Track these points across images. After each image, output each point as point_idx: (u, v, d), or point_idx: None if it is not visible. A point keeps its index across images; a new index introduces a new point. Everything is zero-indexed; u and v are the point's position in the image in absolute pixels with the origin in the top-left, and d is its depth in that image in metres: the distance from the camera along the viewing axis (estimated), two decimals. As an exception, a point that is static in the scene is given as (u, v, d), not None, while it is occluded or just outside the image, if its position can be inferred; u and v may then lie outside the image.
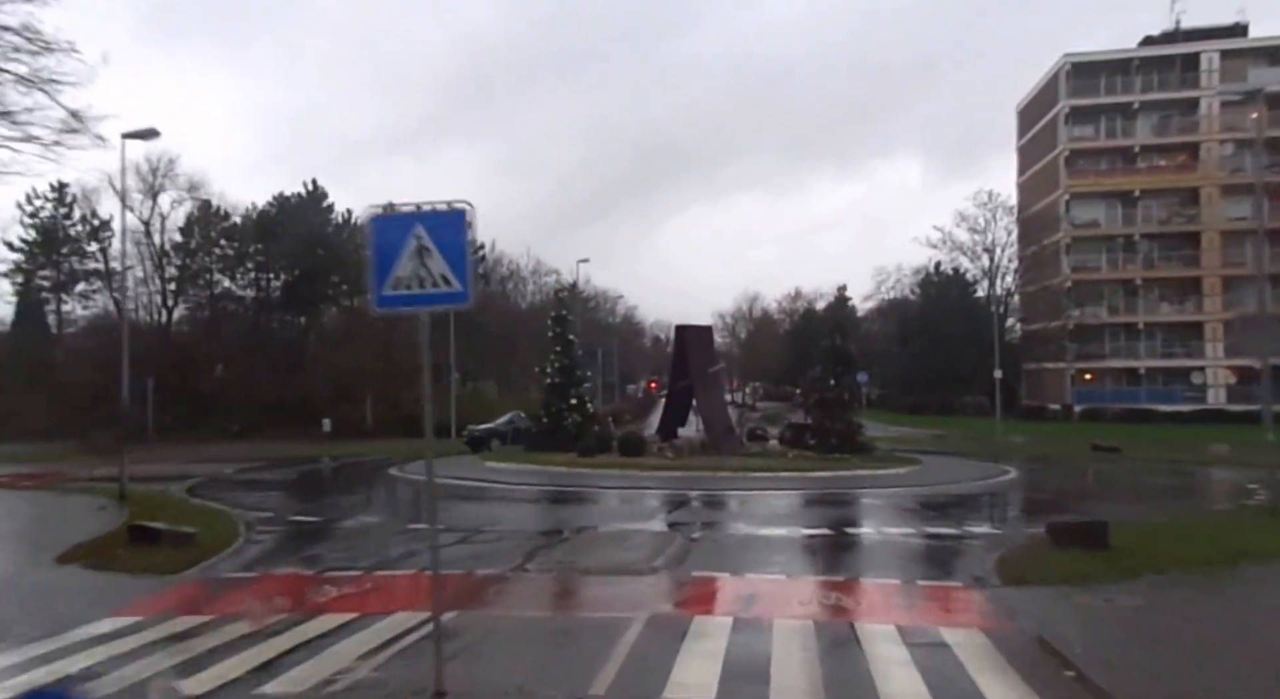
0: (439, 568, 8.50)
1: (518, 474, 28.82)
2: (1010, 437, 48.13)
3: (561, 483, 26.31)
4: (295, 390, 55.70)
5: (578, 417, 34.67)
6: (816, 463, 30.66)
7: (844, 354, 35.14)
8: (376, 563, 14.58)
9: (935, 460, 34.39)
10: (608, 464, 29.49)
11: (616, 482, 26.35)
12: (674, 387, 35.17)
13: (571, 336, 36.00)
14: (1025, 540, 16.16)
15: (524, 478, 27.64)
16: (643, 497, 23.78)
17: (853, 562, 15.33)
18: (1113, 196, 66.71)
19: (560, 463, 30.10)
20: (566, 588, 12.82)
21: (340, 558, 15.32)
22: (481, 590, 12.19)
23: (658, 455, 31.43)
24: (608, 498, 24.03)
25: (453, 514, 21.33)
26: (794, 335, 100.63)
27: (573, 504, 22.86)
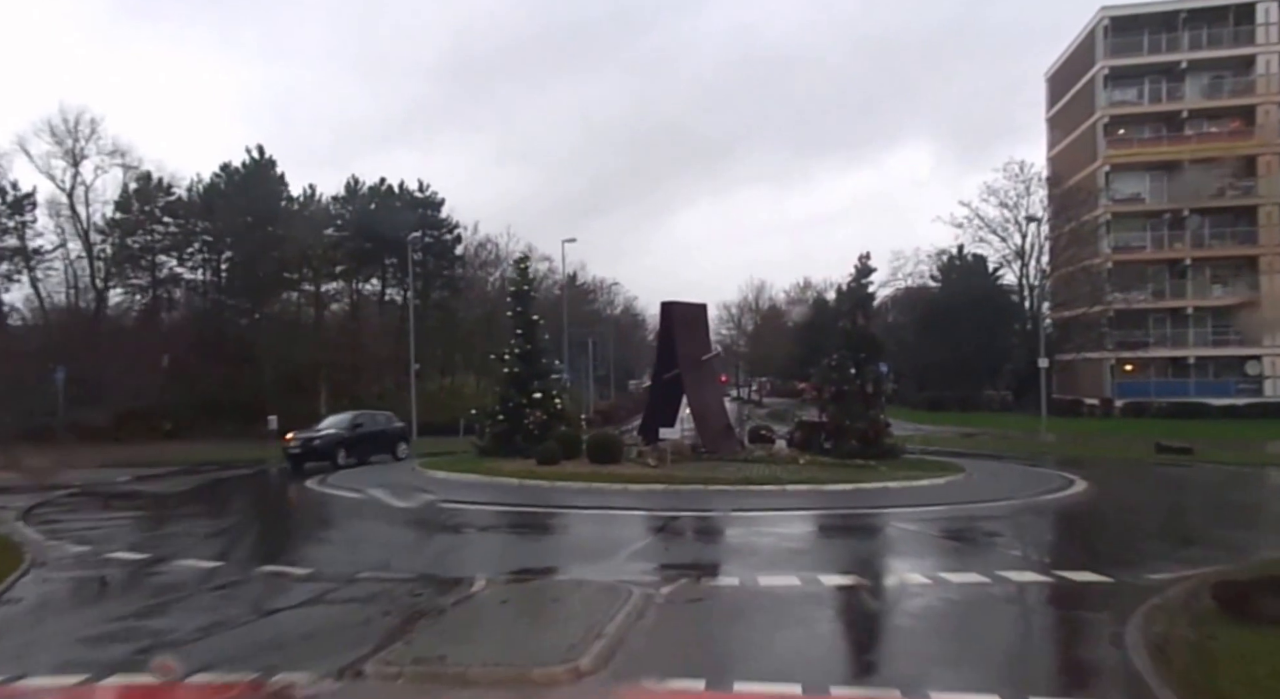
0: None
1: (453, 488, 22.67)
2: (1051, 435, 41.86)
3: (504, 501, 20.08)
4: (243, 384, 49.69)
5: (541, 414, 28.38)
6: (835, 471, 24.47)
7: (867, 337, 28.89)
8: (150, 643, 9.03)
9: (977, 466, 28.15)
10: (571, 474, 23.29)
11: (576, 499, 20.14)
12: (659, 377, 28.94)
13: (535, 316, 29.75)
14: (1169, 601, 10.06)
15: (458, 493, 21.43)
16: (605, 522, 17.63)
17: (908, 646, 9.29)
18: (1157, 168, 60.27)
19: (512, 472, 23.90)
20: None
21: (102, 630, 9.78)
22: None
23: (637, 462, 25.25)
24: (557, 524, 17.85)
25: (335, 548, 15.40)
26: (804, 327, 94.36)
27: (504, 534, 16.64)
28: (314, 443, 28.33)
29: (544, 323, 31.24)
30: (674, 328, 28.27)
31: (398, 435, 31.83)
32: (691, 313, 29.15)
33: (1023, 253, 62.72)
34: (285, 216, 55.30)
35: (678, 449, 26.91)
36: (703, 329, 29.47)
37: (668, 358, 28.52)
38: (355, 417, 31.00)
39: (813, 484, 22.22)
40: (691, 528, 17.13)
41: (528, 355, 29.09)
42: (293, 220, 55.42)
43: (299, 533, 17.90)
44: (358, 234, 55.30)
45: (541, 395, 28.55)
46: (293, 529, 18.60)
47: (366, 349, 52.17)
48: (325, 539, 16.83)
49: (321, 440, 28.63)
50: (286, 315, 56.28)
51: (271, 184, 54.97)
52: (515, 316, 29.66)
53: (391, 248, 54.90)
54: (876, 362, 29.29)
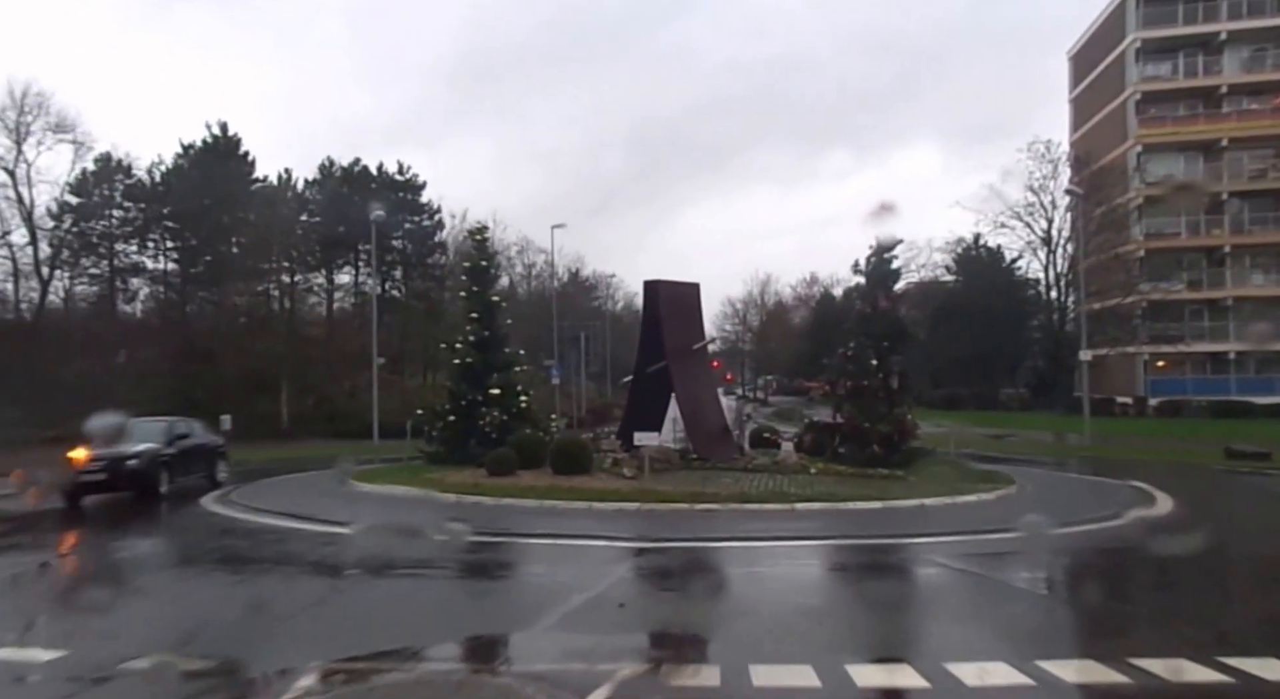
0: None
1: (375, 503, 18.21)
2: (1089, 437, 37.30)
3: (431, 526, 15.53)
4: (201, 382, 45.24)
5: (499, 414, 23.78)
6: (855, 484, 20.00)
7: (890, 322, 24.40)
8: None
9: (1023, 474, 23.59)
10: (526, 489, 18.75)
11: (521, 523, 15.61)
12: (642, 371, 24.39)
13: (495, 297, 25.22)
14: None
15: (378, 512, 16.97)
16: (548, 558, 13.07)
17: None
18: (1193, 148, 55.65)
19: (454, 486, 19.35)
20: None
21: None
22: None
23: (611, 472, 20.74)
24: (482, 561, 13.13)
25: (144, 605, 10.77)
26: (811, 323, 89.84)
27: (399, 580, 11.93)
28: (127, 464, 18.64)
29: (506, 305, 26.80)
30: (660, 311, 23.74)
31: (215, 452, 23.10)
32: (681, 294, 24.60)
33: (1049, 239, 58.03)
34: (251, 200, 50.82)
35: (663, 456, 22.40)
36: (695, 313, 24.90)
37: (653, 347, 24.00)
38: (173, 425, 21.55)
39: (829, 501, 17.64)
40: (663, 569, 12.58)
41: (485, 343, 24.48)
42: (258, 204, 50.92)
43: (101, 586, 12.96)
44: (329, 219, 50.86)
45: (501, 391, 23.89)
46: (131, 575, 13.94)
47: (333, 343, 47.67)
48: (140, 592, 11.83)
49: (138, 461, 18.95)
50: (255, 308, 51.91)
51: (234, 165, 50.44)
52: (470, 297, 25.10)
53: (366, 234, 50.58)
54: (901, 351, 24.76)
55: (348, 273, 55.81)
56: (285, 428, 43.33)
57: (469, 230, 27.27)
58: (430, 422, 24.56)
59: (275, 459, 32.72)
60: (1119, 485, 21.36)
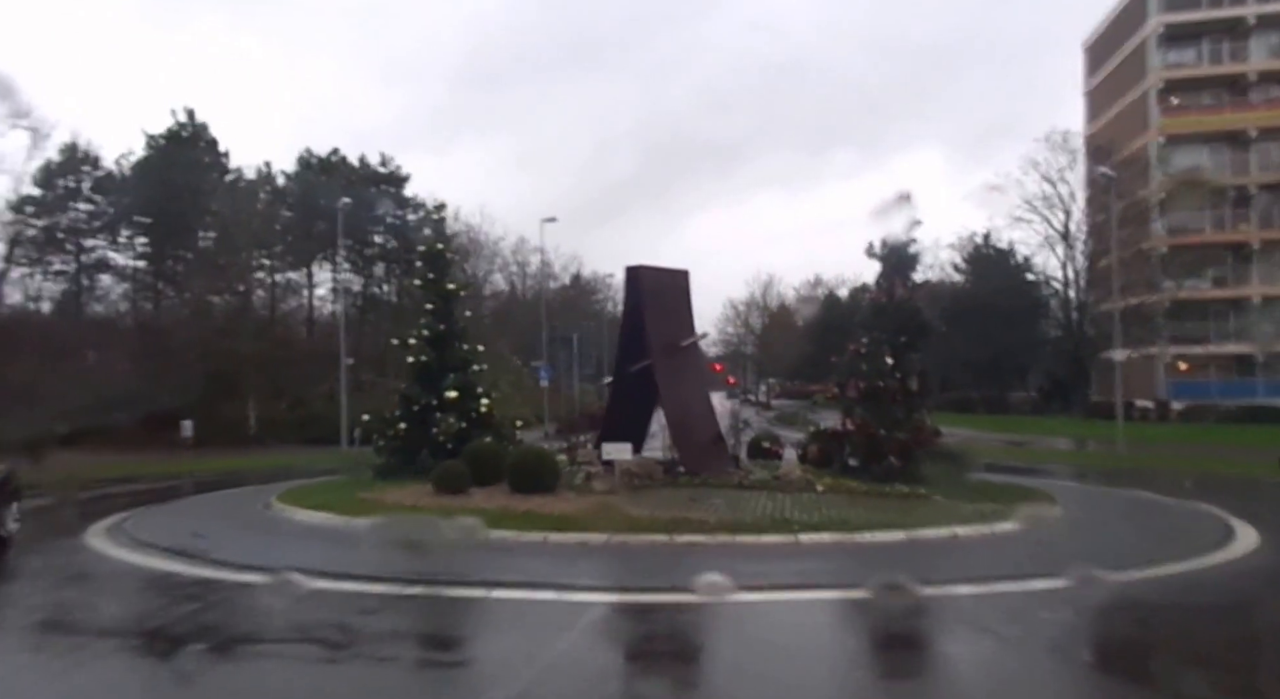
0: None
1: (288, 535, 15.02)
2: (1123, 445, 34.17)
3: (327, 568, 12.21)
4: (168, 384, 42.02)
5: (455, 420, 20.54)
6: (870, 506, 16.82)
7: (908, 313, 21.22)
8: None
9: (1060, 490, 20.45)
10: (475, 512, 15.56)
11: (455, 565, 12.43)
12: (622, 370, 21.18)
13: (452, 286, 21.99)
14: None
15: (283, 548, 13.79)
16: (464, 619, 9.97)
17: None
18: (1219, 139, 52.63)
19: (392, 509, 16.18)
20: None
21: None
22: None
23: (582, 489, 17.58)
24: (376, 635, 9.79)
25: None
26: (815, 325, 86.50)
27: (254, 665, 8.70)
28: None
29: (465, 294, 23.60)
30: (643, 302, 20.50)
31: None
32: (668, 282, 21.36)
33: (1067, 234, 54.75)
34: (220, 193, 47.56)
35: (644, 470, 19.21)
36: (684, 304, 21.63)
37: (635, 344, 20.80)
38: None
39: (840, 531, 14.43)
40: (615, 642, 9.42)
41: (441, 339, 21.20)
42: (226, 197, 47.66)
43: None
44: (305, 213, 47.62)
45: (458, 394, 20.62)
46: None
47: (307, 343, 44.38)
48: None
49: None
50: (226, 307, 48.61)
51: (203, 155, 47.17)
52: (425, 286, 21.84)
53: (348, 228, 47.44)
54: (920, 348, 21.57)
55: (328, 270, 52.57)
56: (252, 434, 40.14)
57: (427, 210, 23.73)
58: (379, 429, 21.26)
59: (225, 470, 29.82)
60: (1179, 507, 18.18)
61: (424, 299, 21.64)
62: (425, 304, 21.46)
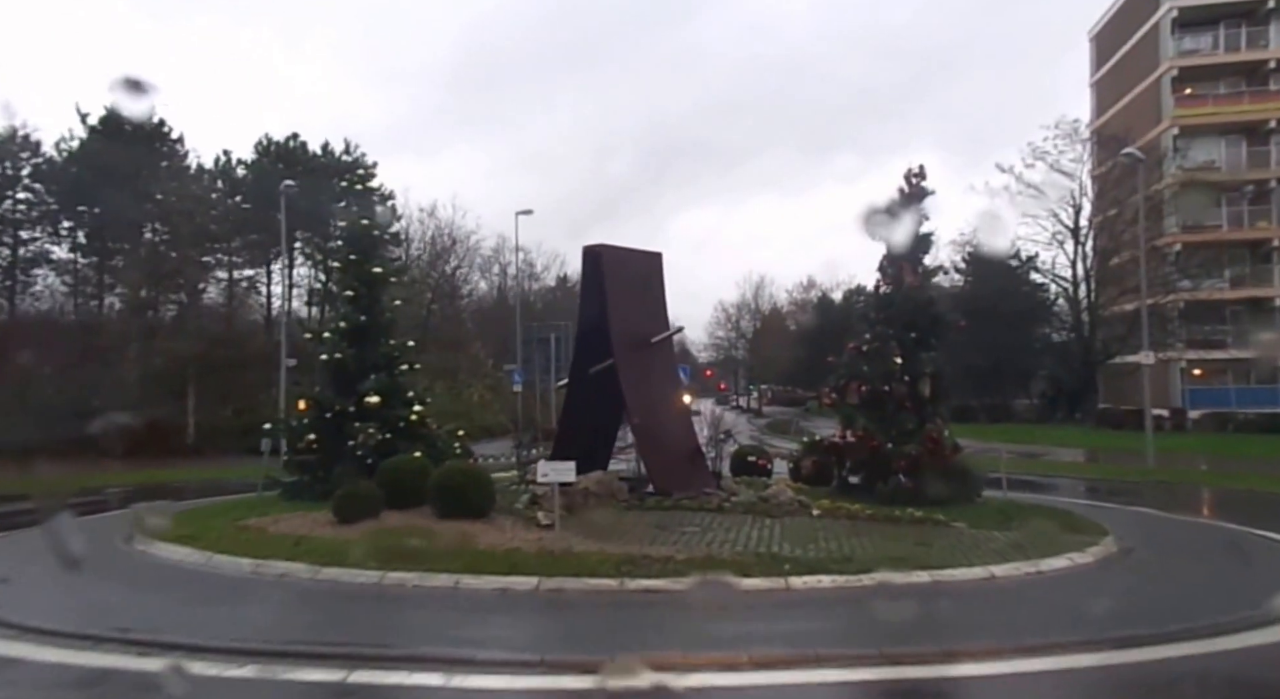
0: None
1: (126, 581, 11.64)
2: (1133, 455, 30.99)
3: (115, 638, 8.87)
4: (103, 388, 38.55)
5: (379, 430, 17.10)
6: (878, 534, 13.66)
7: (920, 305, 17.97)
8: None
9: (1106, 516, 17.18)
10: (383, 543, 12.25)
11: (324, 625, 9.18)
12: (580, 372, 17.82)
13: (378, 269, 18.49)
14: None
15: (105, 602, 10.45)
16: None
17: None
18: (1236, 130, 49.42)
19: (275, 543, 12.80)
20: None
21: None
22: None
23: (526, 514, 14.27)
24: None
25: None
26: (808, 329, 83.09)
27: None
28: None
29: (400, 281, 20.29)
30: (605, 288, 17.16)
31: None
32: (637, 266, 18.00)
33: (1077, 229, 51.46)
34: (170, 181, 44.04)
35: (605, 490, 15.92)
36: (655, 293, 18.29)
37: (596, 339, 17.47)
38: None
39: (845, 573, 11.14)
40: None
41: (363, 333, 17.82)
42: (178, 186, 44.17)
43: None
44: (260, 204, 44.13)
45: (381, 398, 17.21)
46: None
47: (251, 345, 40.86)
48: None
49: None
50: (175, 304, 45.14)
51: (151, 139, 43.61)
52: (346, 269, 18.41)
53: (306, 222, 44.02)
54: (934, 345, 18.31)
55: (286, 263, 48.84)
56: (190, 442, 36.71)
57: (349, 177, 19.86)
58: (289, 440, 17.75)
59: (146, 483, 26.50)
60: (1260, 541, 14.90)
61: (343, 284, 18.20)
62: (345, 291, 18.00)
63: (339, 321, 17.86)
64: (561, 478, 12.09)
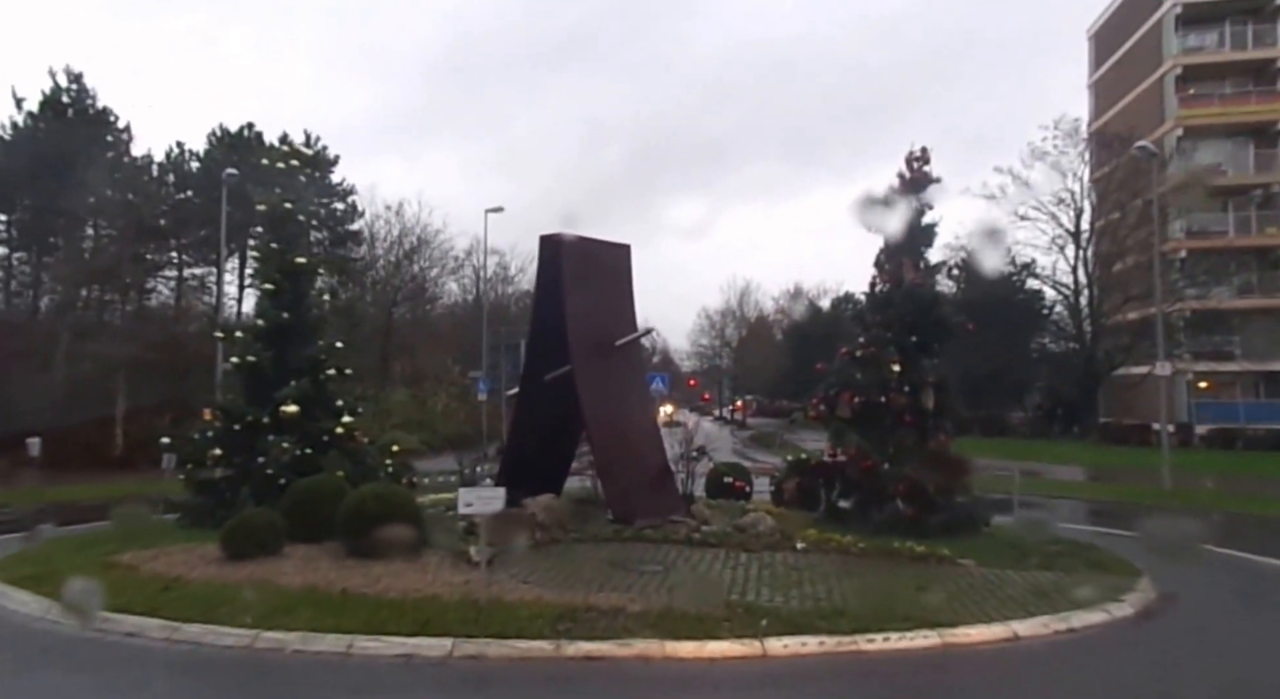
0: None
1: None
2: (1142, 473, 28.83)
3: None
4: (29, 394, 35.83)
5: (296, 444, 14.66)
6: (874, 576, 11.44)
7: (924, 305, 15.69)
8: None
9: (1132, 548, 14.96)
10: (272, 586, 9.95)
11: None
12: (533, 380, 15.54)
13: (301, 259, 16.04)
14: None
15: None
16: None
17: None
18: (1242, 131, 47.40)
19: (144, 585, 10.46)
20: None
21: None
22: None
23: (458, 548, 11.98)
24: None
25: None
26: (795, 337, 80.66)
27: None
28: None
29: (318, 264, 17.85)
30: (563, 282, 14.87)
31: None
32: (600, 259, 15.66)
33: (1078, 233, 49.27)
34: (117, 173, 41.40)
35: (556, 518, 13.65)
36: (621, 290, 15.99)
37: (551, 342, 15.18)
38: None
39: (834, 630, 8.90)
40: None
41: (284, 333, 15.40)
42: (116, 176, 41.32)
43: None
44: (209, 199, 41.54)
45: (300, 408, 14.85)
46: None
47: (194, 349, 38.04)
48: None
49: None
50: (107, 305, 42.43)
51: (92, 126, 40.90)
52: (265, 259, 15.96)
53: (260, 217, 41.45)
54: (939, 352, 16.05)
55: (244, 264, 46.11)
56: (118, 453, 33.95)
57: (275, 148, 17.24)
58: (190, 455, 15.28)
59: (57, 500, 23.93)
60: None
61: (263, 276, 15.79)
62: (264, 283, 15.59)
63: (256, 319, 15.45)
64: (487, 509, 9.77)
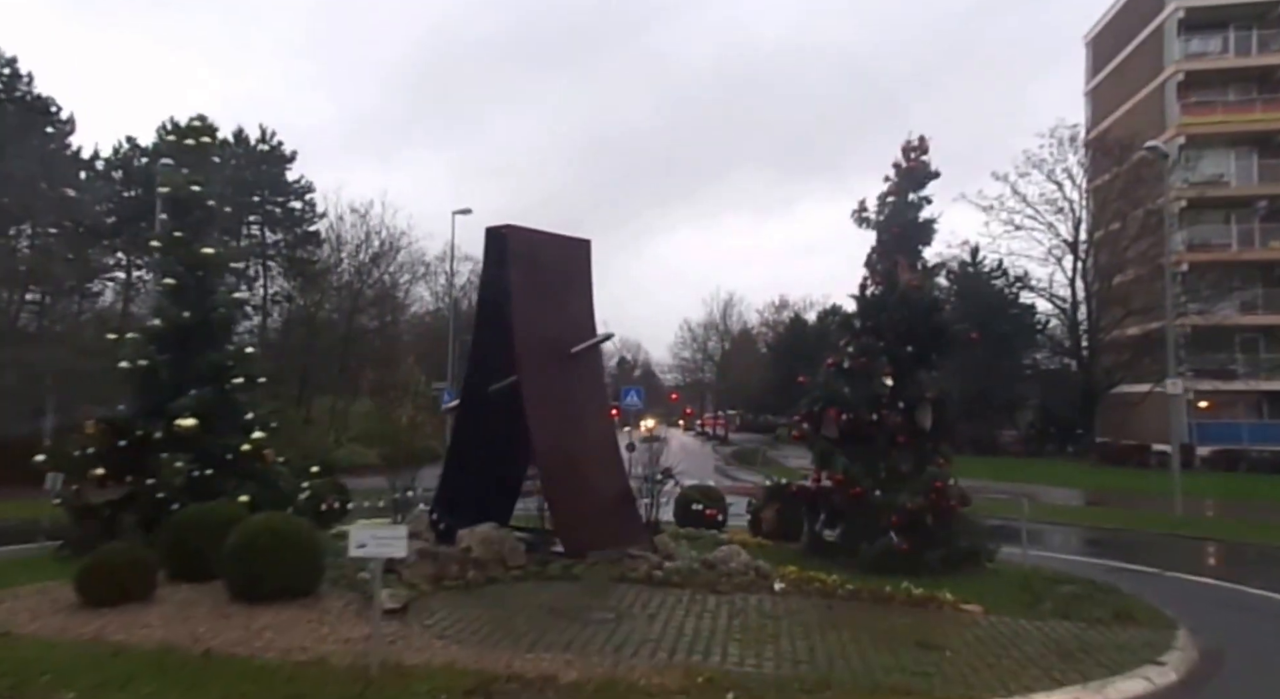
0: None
1: None
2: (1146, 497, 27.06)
3: None
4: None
5: (191, 464, 12.53)
6: (862, 624, 9.47)
7: (920, 311, 13.81)
8: None
9: (1155, 588, 13.13)
10: (116, 643, 7.96)
11: None
12: (471, 391, 13.62)
13: (208, 250, 13.85)
14: None
15: None
16: None
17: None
18: (1246, 141, 45.85)
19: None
20: None
21: None
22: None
23: (393, 589, 9.97)
24: None
25: None
26: (779, 351, 78.63)
27: None
28: None
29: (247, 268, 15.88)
30: (512, 281, 12.95)
31: None
32: (554, 254, 13.71)
33: (1075, 244, 47.48)
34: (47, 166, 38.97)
35: (493, 552, 11.71)
36: (579, 290, 14.05)
37: (497, 348, 13.25)
38: None
39: None
40: None
41: (185, 334, 13.28)
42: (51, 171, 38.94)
43: None
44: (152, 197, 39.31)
45: (200, 421, 12.76)
46: None
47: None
48: None
49: None
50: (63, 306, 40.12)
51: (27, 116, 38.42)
52: (166, 249, 13.81)
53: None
54: (938, 364, 14.16)
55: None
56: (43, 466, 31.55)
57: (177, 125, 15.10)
58: (70, 475, 13.14)
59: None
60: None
61: (164, 269, 13.68)
62: (165, 278, 13.50)
63: (153, 319, 13.37)
64: (386, 552, 7.81)
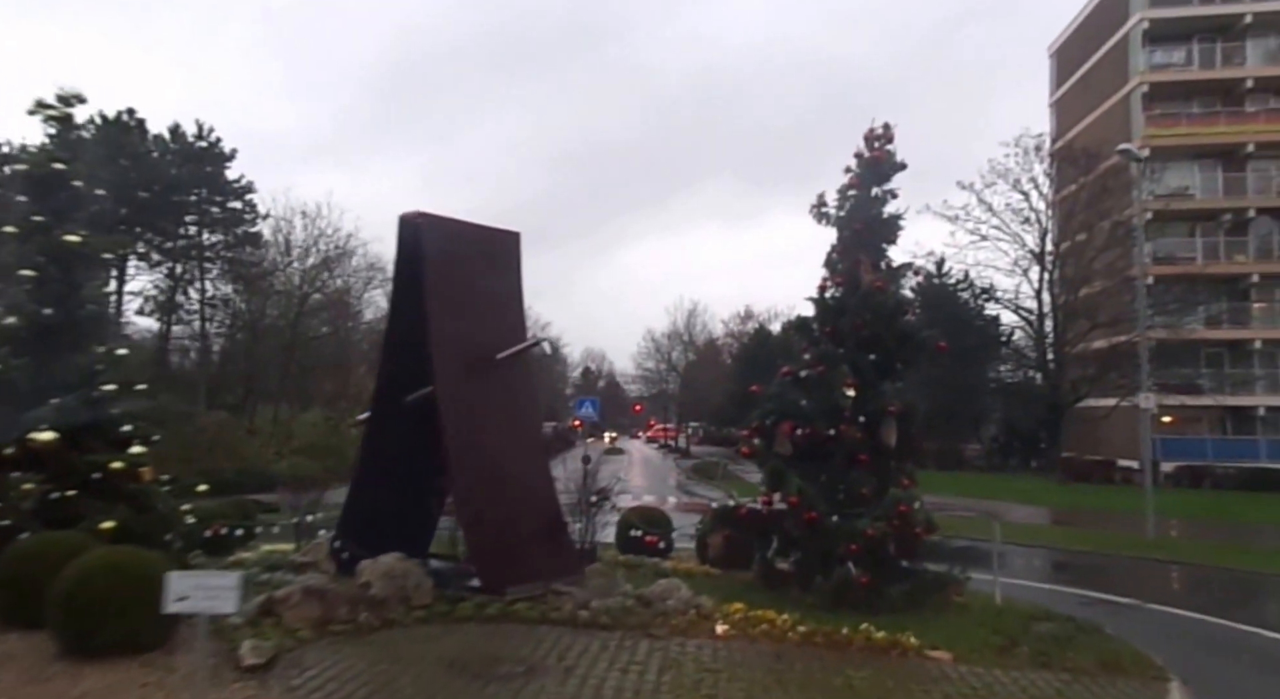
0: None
1: None
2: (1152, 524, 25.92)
3: None
4: None
5: (50, 486, 10.74)
6: (812, 680, 7.98)
7: (884, 315, 12.43)
8: None
9: (1139, 626, 11.84)
10: None
11: None
12: (384, 404, 12.09)
13: (74, 237, 11.86)
14: None
15: None
16: None
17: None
18: (1211, 154, 45.13)
19: None
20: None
21: None
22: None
23: (239, 633, 8.42)
24: None
25: None
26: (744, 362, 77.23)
27: None
28: None
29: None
30: (428, 277, 11.46)
31: None
32: (475, 247, 12.21)
33: (1042, 255, 46.50)
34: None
35: (394, 588, 10.17)
36: (507, 288, 12.56)
37: (413, 352, 11.74)
38: None
39: None
40: None
41: (46, 334, 11.36)
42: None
43: None
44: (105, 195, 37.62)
45: (57, 436, 10.78)
46: None
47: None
48: None
49: None
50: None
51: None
52: (25, 235, 11.89)
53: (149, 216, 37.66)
54: (903, 374, 12.80)
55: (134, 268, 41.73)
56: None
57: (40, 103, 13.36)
58: None
59: None
60: None
61: (21, 259, 11.91)
62: (21, 269, 11.78)
63: (8, 316, 11.67)
64: (211, 606, 6.28)
